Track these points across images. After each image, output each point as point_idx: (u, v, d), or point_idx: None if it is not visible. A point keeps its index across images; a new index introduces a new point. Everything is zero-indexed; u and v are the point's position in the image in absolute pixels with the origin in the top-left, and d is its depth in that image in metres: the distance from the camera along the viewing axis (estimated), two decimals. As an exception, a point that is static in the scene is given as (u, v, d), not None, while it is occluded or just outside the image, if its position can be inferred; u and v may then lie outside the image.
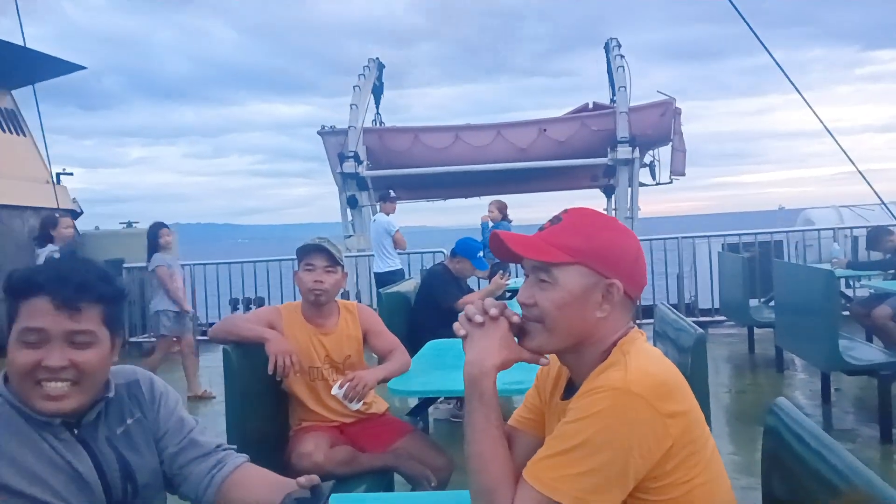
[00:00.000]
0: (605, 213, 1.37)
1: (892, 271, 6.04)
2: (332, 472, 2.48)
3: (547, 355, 1.30)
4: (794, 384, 5.58)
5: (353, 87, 12.05)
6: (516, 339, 1.30)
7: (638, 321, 7.29)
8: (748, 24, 10.44)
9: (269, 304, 9.47)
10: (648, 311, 6.75)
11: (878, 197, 10.67)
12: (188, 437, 1.48)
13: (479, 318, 1.28)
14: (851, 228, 9.10)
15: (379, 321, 2.85)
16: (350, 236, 11.36)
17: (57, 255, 5.99)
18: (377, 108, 13.18)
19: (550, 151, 11.68)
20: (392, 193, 8.07)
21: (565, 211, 1.31)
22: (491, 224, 7.90)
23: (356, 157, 11.33)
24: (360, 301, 9.97)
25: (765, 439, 1.42)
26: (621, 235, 1.28)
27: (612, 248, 1.25)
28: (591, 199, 13.35)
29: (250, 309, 9.46)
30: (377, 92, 12.93)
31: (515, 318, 1.29)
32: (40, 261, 5.78)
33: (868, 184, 10.81)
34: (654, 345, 2.84)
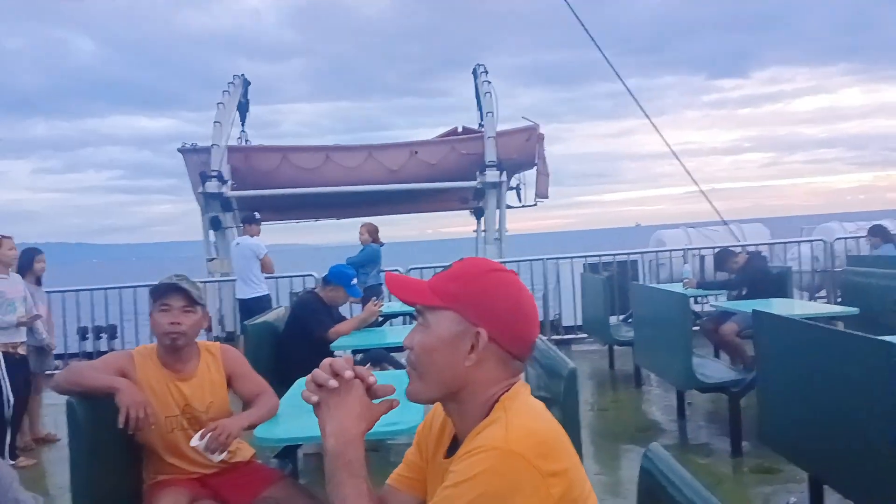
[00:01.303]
0: (494, 260, 1.34)
1: (735, 291, 6.52)
2: (193, 530, 2.31)
3: (422, 411, 1.26)
4: (651, 400, 5.87)
5: (217, 104, 11.59)
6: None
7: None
8: (602, 53, 11.00)
9: (123, 333, 8.83)
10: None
11: (719, 215, 11.58)
12: None
13: (333, 384, 1.20)
14: (699, 249, 9.78)
15: (244, 363, 2.69)
16: (213, 259, 10.86)
17: None
18: (243, 125, 12.76)
19: (421, 173, 11.77)
20: (257, 216, 7.79)
21: (461, 259, 1.30)
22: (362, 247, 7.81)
23: (220, 177, 10.87)
24: (223, 330, 9.52)
25: (640, 482, 1.44)
26: (502, 285, 1.24)
27: (487, 295, 1.22)
28: (463, 225, 13.56)
29: (101, 338, 8.78)
30: (242, 109, 12.52)
31: (372, 378, 1.24)
32: None
33: (710, 203, 11.71)
34: (526, 374, 2.88)
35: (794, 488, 3.62)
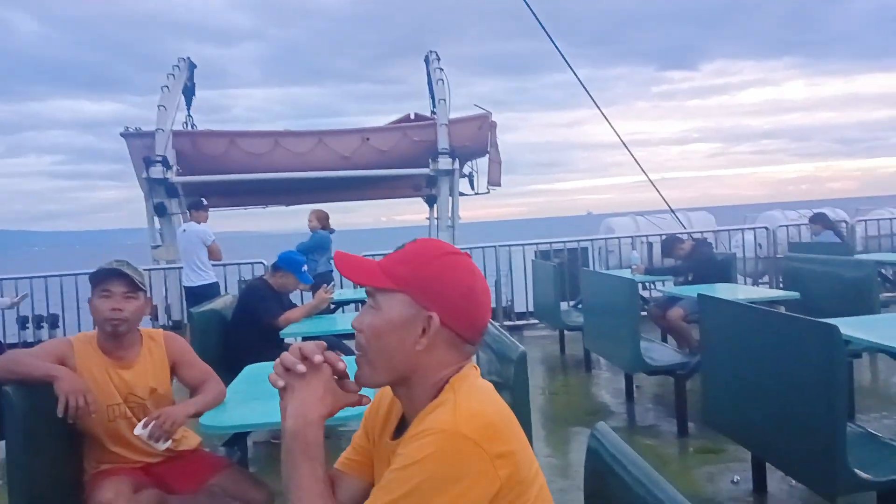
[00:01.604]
0: (448, 242, 1.32)
1: (682, 276, 6.66)
2: (136, 520, 2.25)
3: (371, 393, 1.24)
4: (600, 384, 5.97)
5: (162, 87, 11.27)
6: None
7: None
8: (553, 43, 11.11)
9: (65, 323, 8.57)
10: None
11: (667, 204, 11.83)
12: None
13: (301, 368, 1.18)
14: (647, 236, 9.97)
15: (189, 350, 2.63)
16: (158, 246, 10.59)
17: None
18: (188, 109, 12.45)
19: (373, 160, 11.67)
20: (204, 201, 7.62)
21: (413, 240, 1.28)
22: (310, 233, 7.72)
23: (164, 162, 10.57)
24: (169, 318, 9.32)
25: (587, 461, 1.46)
26: (454, 269, 1.22)
27: (439, 279, 1.20)
28: (414, 209, 13.52)
29: (41, 328, 8.51)
30: (188, 93, 12.20)
31: (342, 365, 1.21)
32: None
33: (658, 192, 11.94)
34: (478, 358, 2.89)
35: (738, 467, 3.72)
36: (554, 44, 11.53)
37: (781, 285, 7.03)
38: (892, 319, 4.01)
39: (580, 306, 6.92)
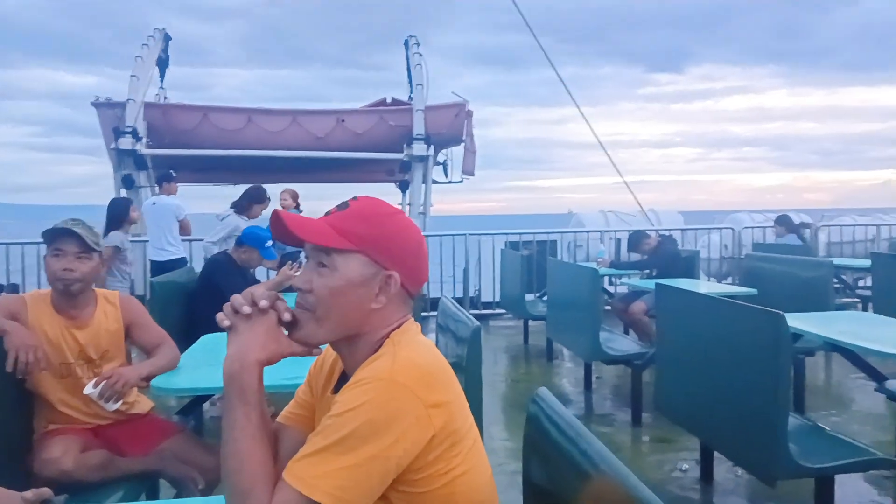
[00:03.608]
0: (392, 204, 1.35)
1: (647, 271, 6.77)
2: (84, 479, 2.24)
3: (321, 346, 1.26)
4: (561, 373, 6.04)
5: (135, 57, 11.09)
6: (286, 332, 1.24)
7: (425, 313, 7.49)
8: (535, 38, 11.13)
9: (25, 290, 8.41)
10: (435, 304, 6.95)
11: (637, 201, 11.95)
12: None
13: (246, 310, 1.19)
14: (615, 231, 10.08)
15: (144, 313, 2.62)
16: (125, 219, 10.43)
17: None
18: (162, 82, 12.28)
19: (347, 142, 11.61)
20: (173, 174, 7.52)
21: (354, 198, 1.27)
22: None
23: (134, 133, 10.42)
24: (133, 292, 9.17)
25: (526, 427, 1.49)
26: (406, 228, 1.26)
27: (395, 239, 1.23)
28: (386, 195, 13.48)
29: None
30: (162, 65, 12.03)
31: (287, 315, 1.22)
32: None
33: (630, 191, 12.08)
34: (437, 336, 2.92)
35: (688, 456, 3.81)
36: (535, 38, 11.59)
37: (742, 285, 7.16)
38: (842, 317, 4.12)
39: (545, 298, 7.00)
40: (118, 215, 5.96)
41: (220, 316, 1.21)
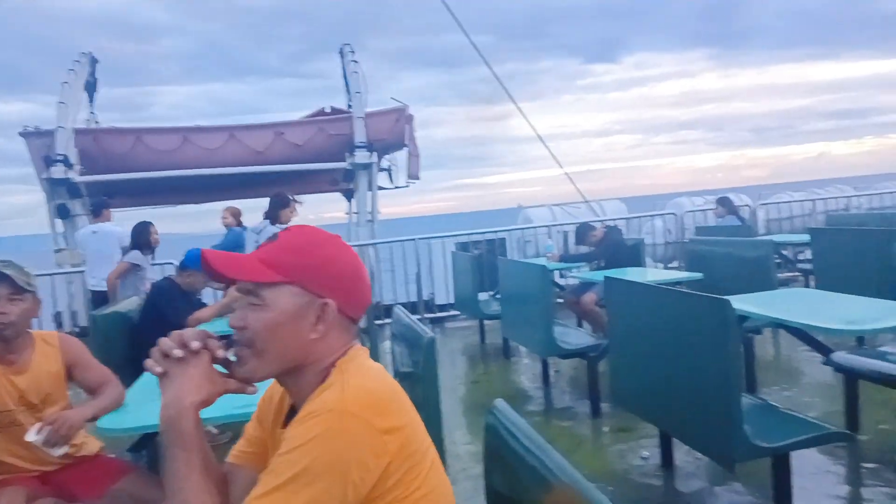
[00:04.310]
0: (325, 230, 1.32)
1: (595, 262, 6.85)
2: (33, 531, 2.14)
3: (256, 384, 1.22)
4: (519, 370, 6.07)
5: (62, 83, 10.74)
6: (224, 370, 1.21)
7: (380, 321, 7.44)
8: (468, 37, 11.15)
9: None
10: (389, 311, 6.95)
11: (581, 194, 12.10)
12: None
13: (177, 353, 1.16)
14: (562, 225, 10.20)
15: (85, 351, 2.52)
16: (61, 250, 10.08)
17: None
18: (91, 106, 11.92)
19: (288, 155, 11.45)
20: (108, 200, 7.29)
21: (285, 229, 1.26)
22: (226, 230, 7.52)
23: (66, 161, 10.08)
24: (76, 323, 8.88)
25: (485, 437, 1.48)
26: (339, 254, 1.24)
27: (328, 266, 1.21)
28: (332, 203, 13.37)
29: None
30: (91, 89, 11.70)
31: (220, 353, 1.19)
32: None
33: (573, 183, 12.20)
34: (391, 346, 2.89)
35: (648, 444, 3.86)
36: (468, 37, 11.61)
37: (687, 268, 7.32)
38: (786, 294, 4.24)
39: (498, 296, 7.03)
40: (140, 238, 6.04)
41: (149, 363, 1.17)
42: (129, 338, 4.17)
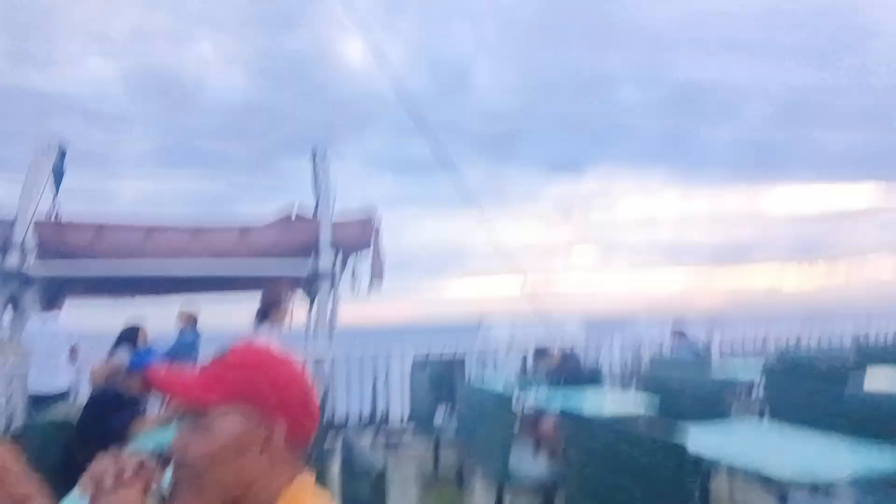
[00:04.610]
0: (276, 350, 1.28)
1: (553, 385, 6.81)
2: None
3: None
4: (473, 497, 5.85)
5: (26, 173, 10.67)
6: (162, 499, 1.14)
7: (328, 443, 7.19)
8: (433, 146, 11.43)
9: None
10: (340, 431, 6.73)
11: (541, 317, 12.10)
12: None
13: (107, 482, 1.10)
14: (522, 344, 10.18)
15: (14, 463, 2.37)
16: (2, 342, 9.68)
17: None
18: (56, 193, 11.79)
19: (251, 257, 11.38)
20: (61, 294, 7.11)
21: (233, 349, 1.20)
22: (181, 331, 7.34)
23: (22, 252, 9.87)
24: (9, 428, 8.37)
25: None
26: (290, 375, 1.18)
27: (278, 388, 1.15)
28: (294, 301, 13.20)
29: None
30: (58, 177, 11.60)
31: (154, 485, 1.13)
32: None
33: (532, 304, 12.21)
34: (340, 472, 2.78)
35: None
36: (433, 146, 11.95)
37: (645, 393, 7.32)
38: (742, 429, 4.24)
39: (456, 416, 6.88)
40: (129, 338, 5.55)
41: (82, 482, 1.11)
42: (64, 449, 3.95)
